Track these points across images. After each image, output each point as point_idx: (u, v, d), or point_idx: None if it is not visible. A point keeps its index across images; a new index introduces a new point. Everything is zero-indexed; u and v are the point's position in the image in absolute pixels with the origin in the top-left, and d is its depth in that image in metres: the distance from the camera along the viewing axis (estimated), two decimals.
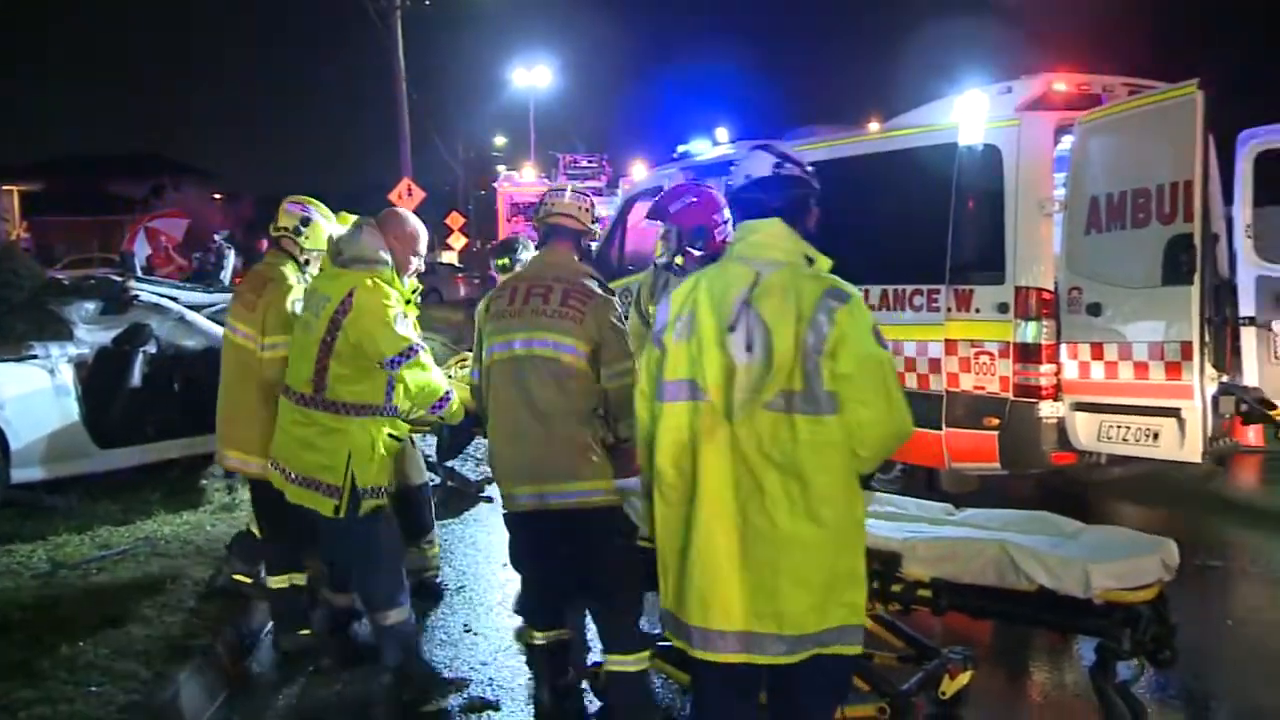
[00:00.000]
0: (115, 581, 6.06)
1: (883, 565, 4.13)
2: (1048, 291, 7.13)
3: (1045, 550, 3.99)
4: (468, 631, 5.87)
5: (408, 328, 4.71)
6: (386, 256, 4.76)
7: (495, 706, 4.95)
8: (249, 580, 5.87)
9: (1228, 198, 8.16)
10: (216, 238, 17.88)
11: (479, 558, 7.19)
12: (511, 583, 6.13)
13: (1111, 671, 4.15)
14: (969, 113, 7.57)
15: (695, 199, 5.74)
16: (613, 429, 4.50)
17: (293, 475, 4.81)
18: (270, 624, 5.74)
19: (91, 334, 8.40)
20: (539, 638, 4.67)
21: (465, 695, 5.03)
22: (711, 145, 12.35)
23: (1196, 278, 6.40)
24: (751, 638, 3.05)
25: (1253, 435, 7.54)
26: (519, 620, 5.41)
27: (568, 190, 4.81)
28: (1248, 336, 7.98)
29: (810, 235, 3.30)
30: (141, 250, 18.93)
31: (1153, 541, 4.16)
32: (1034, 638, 5.58)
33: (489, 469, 4.85)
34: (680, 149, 12.23)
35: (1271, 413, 7.07)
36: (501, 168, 23.45)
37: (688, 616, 3.13)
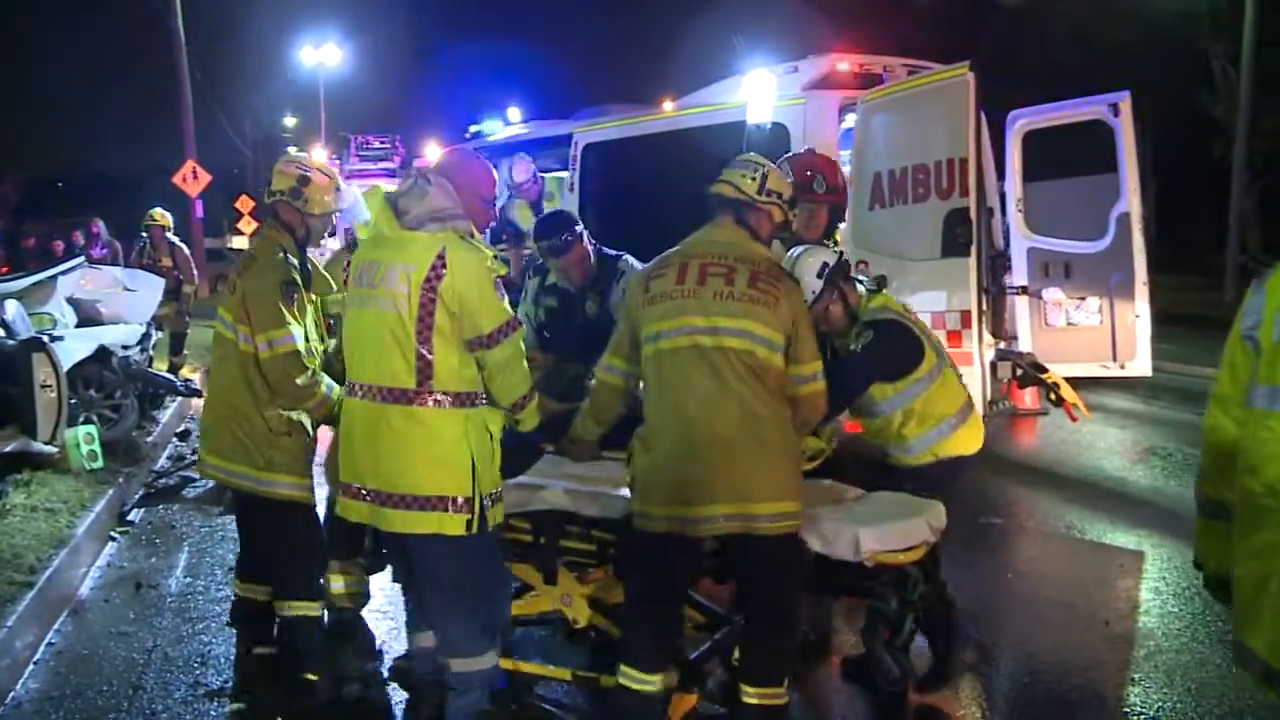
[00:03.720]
0: None
1: None
2: None
3: (819, 517, 4.10)
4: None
5: (504, 297, 3.84)
6: (463, 210, 3.87)
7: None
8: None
9: (1000, 174, 8.58)
10: None
11: None
12: None
13: (881, 631, 4.32)
14: (756, 92, 7.71)
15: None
16: None
17: (392, 498, 3.78)
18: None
19: None
20: (651, 682, 3.87)
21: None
22: (504, 125, 12.28)
23: (973, 250, 6.69)
24: None
25: (1028, 398, 7.95)
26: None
27: (743, 158, 4.19)
28: (1021, 305, 8.42)
29: None
30: None
31: (920, 505, 4.35)
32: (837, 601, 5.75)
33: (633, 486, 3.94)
34: (473, 129, 12.11)
35: (1044, 376, 7.47)
36: (292, 149, 22.76)
37: None
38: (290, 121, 56.94)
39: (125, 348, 9.54)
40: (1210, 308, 22.24)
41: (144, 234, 13.26)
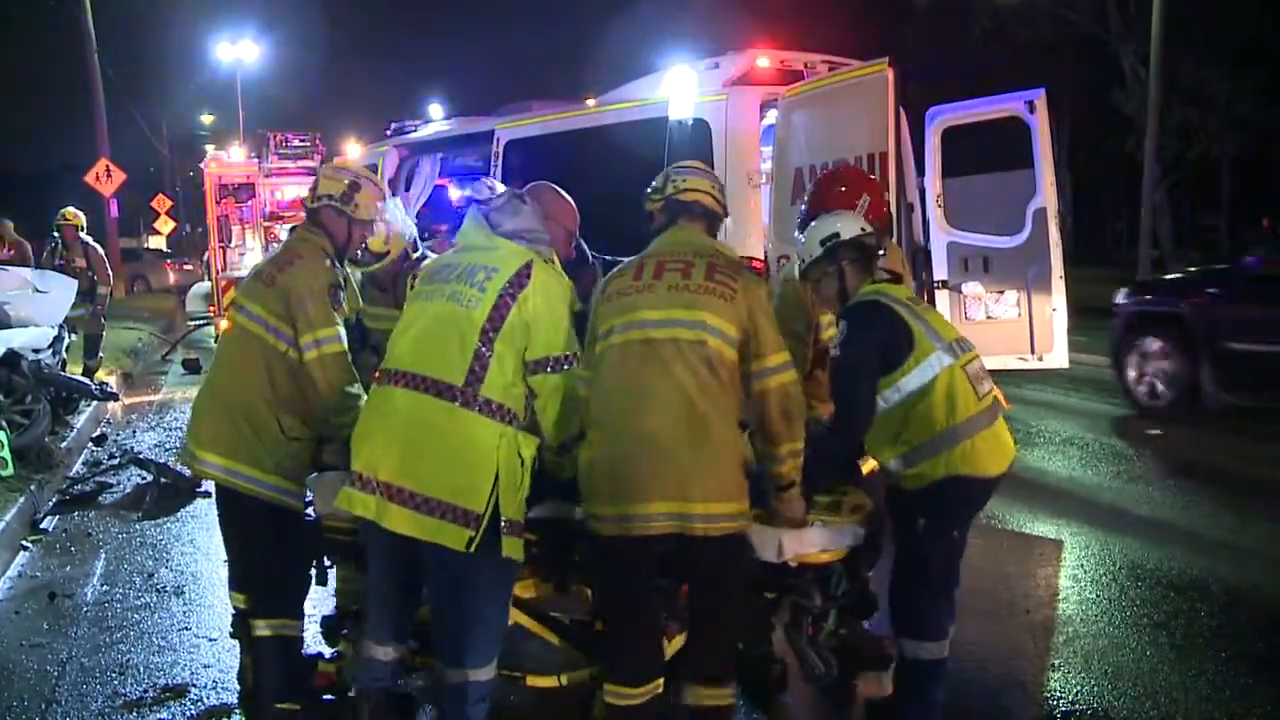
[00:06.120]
0: None
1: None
2: (758, 260, 7.36)
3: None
4: (185, 630, 5.51)
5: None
6: (547, 237, 3.91)
7: (228, 711, 4.64)
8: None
9: (920, 170, 8.69)
10: None
11: (198, 556, 6.78)
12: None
13: (805, 627, 4.33)
14: (678, 88, 7.73)
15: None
16: (757, 446, 3.80)
17: (402, 494, 3.56)
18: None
19: None
20: (636, 696, 3.69)
21: (191, 700, 4.71)
22: (425, 122, 12.21)
23: None
24: None
25: None
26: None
27: (696, 165, 4.14)
28: (941, 299, 8.54)
29: None
30: None
31: (852, 507, 4.32)
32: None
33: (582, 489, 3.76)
34: (394, 125, 12.01)
35: None
36: (210, 147, 22.23)
37: None
38: (207, 119, 56.06)
39: (36, 351, 9.31)
40: None
41: (55, 233, 12.94)
